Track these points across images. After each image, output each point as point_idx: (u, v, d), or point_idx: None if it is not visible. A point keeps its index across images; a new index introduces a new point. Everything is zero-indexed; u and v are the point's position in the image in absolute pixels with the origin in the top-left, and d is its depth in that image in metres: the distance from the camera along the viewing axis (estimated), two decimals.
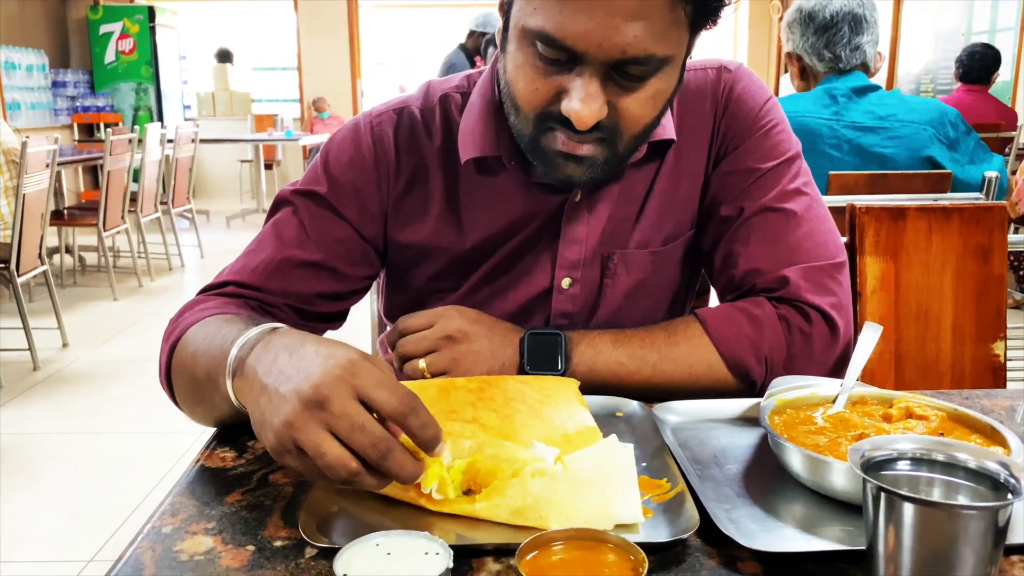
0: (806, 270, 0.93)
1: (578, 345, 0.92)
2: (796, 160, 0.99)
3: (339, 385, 0.61)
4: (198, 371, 0.80)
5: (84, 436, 3.04)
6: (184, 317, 0.89)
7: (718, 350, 0.92)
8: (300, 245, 0.97)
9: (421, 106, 1.01)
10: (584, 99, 0.80)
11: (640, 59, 0.80)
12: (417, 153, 1.00)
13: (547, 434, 0.77)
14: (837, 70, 2.01)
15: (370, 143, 1.00)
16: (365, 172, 0.99)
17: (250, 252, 0.99)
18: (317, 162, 1.01)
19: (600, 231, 0.99)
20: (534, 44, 0.82)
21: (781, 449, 0.72)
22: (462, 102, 1.01)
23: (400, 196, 1.00)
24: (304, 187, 1.00)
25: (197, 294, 0.97)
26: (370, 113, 1.02)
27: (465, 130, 0.98)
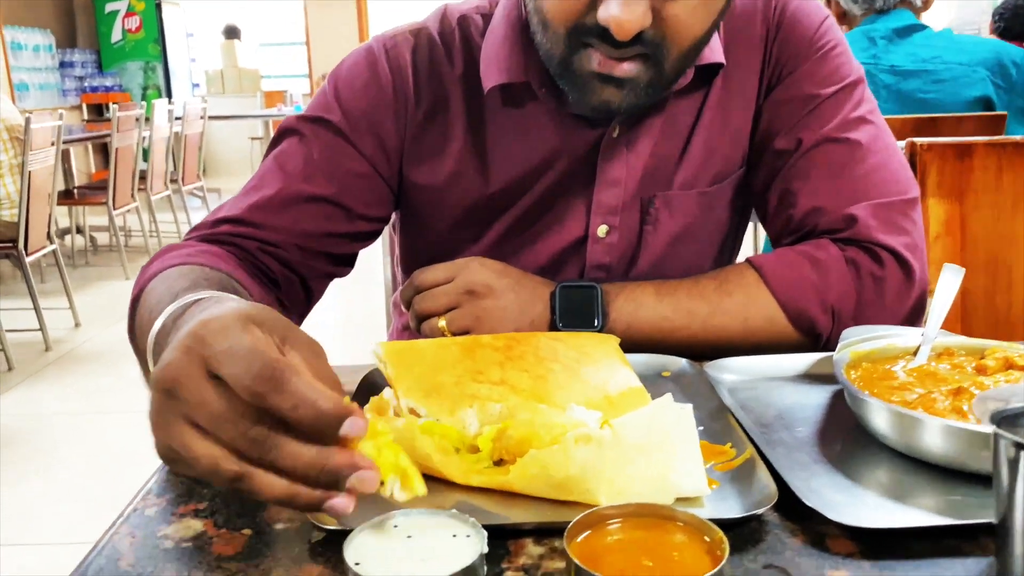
0: (876, 207, 0.82)
1: (616, 298, 0.82)
2: (859, 85, 0.88)
3: (186, 361, 0.44)
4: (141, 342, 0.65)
5: (96, 416, 2.98)
6: (151, 267, 0.76)
7: (777, 300, 0.81)
8: (308, 178, 0.86)
9: (439, 29, 0.90)
10: (625, 1, 0.69)
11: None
12: (437, 80, 0.89)
13: (586, 396, 0.67)
14: (875, 11, 1.88)
15: (386, 67, 0.89)
16: (382, 99, 0.88)
17: (251, 188, 0.88)
18: (326, 88, 0.90)
19: (640, 171, 0.89)
20: None
21: (863, 407, 0.62)
22: (483, 24, 0.90)
23: (419, 129, 0.90)
24: (313, 114, 0.89)
25: (186, 235, 0.86)
26: (383, 36, 0.91)
27: (488, 55, 0.87)
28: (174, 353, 0.45)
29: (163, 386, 0.45)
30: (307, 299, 0.92)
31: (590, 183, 0.89)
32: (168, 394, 0.45)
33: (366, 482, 0.44)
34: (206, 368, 0.44)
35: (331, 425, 0.43)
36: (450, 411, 0.63)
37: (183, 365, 0.45)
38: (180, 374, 0.44)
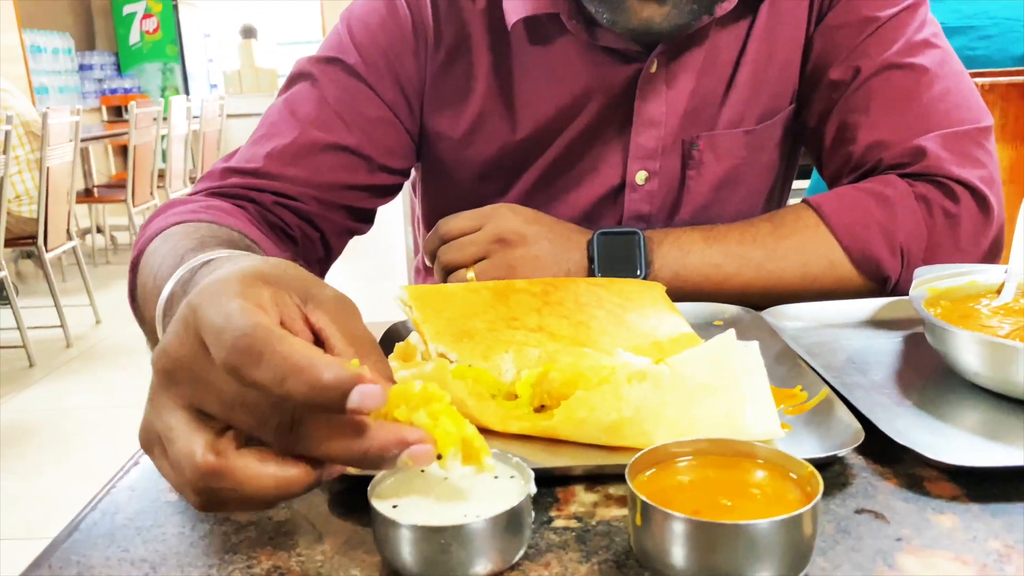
0: (946, 137, 0.75)
1: (660, 245, 0.75)
2: (921, 6, 0.80)
3: (185, 337, 0.37)
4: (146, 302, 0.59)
5: (118, 410, 2.95)
6: (151, 226, 0.68)
7: (840, 242, 0.74)
8: (325, 125, 0.80)
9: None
10: None
11: None
12: (457, 17, 0.82)
13: (633, 342, 0.61)
14: None
15: (405, 6, 0.82)
16: (401, 39, 0.82)
17: (261, 136, 0.81)
18: (339, 29, 0.84)
19: (682, 110, 0.81)
20: None
21: (951, 341, 0.55)
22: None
23: (440, 71, 0.83)
24: (327, 54, 0.82)
25: (192, 189, 0.80)
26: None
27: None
28: (173, 327, 0.38)
29: (160, 365, 0.37)
30: (326, 257, 0.85)
31: (626, 125, 0.82)
32: (167, 377, 0.37)
33: (420, 458, 0.36)
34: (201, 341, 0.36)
35: (332, 399, 0.34)
36: (484, 356, 0.57)
37: (183, 342, 0.37)
38: (180, 353, 0.37)
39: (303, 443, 0.36)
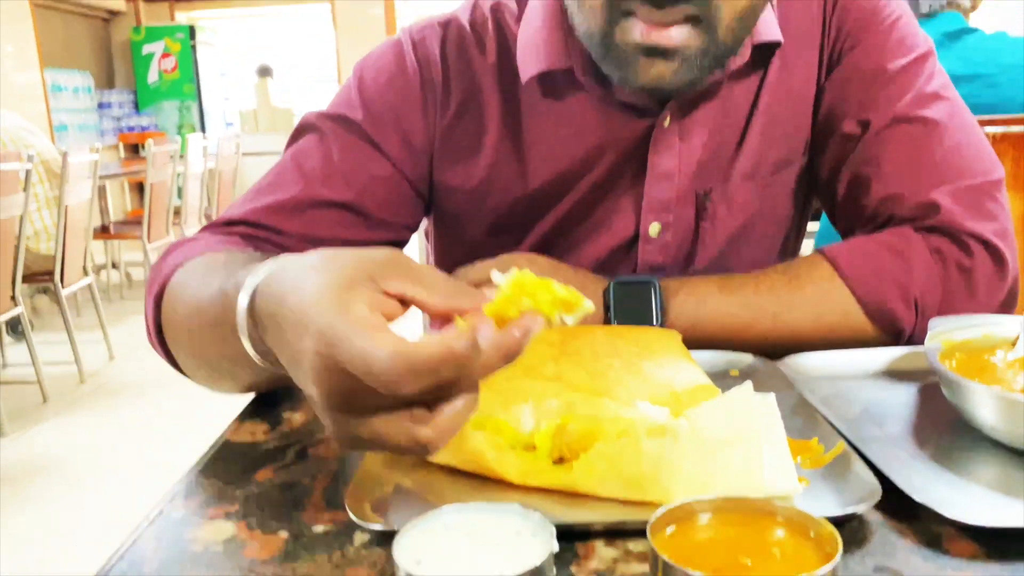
0: (959, 190, 0.75)
1: (676, 294, 0.76)
2: (929, 57, 0.81)
3: (331, 375, 0.41)
4: (199, 334, 0.61)
5: (131, 447, 2.95)
6: (166, 261, 0.71)
7: (855, 293, 0.74)
8: (327, 181, 0.81)
9: (470, 18, 0.85)
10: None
11: None
12: (468, 73, 0.84)
13: (651, 392, 0.61)
14: (921, 15, 1.82)
15: (414, 61, 0.84)
16: (409, 96, 0.83)
17: (265, 187, 0.82)
18: (350, 83, 0.85)
19: (695, 163, 0.82)
20: None
21: (967, 395, 0.55)
22: (518, 10, 0.84)
23: (450, 126, 0.84)
24: (336, 112, 0.84)
25: (196, 234, 0.80)
26: (410, 29, 0.86)
27: (525, 41, 0.82)
28: (312, 368, 0.42)
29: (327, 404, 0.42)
30: None
31: (640, 177, 0.83)
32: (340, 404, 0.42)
33: (534, 330, 0.44)
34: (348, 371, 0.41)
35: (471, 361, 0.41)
36: (503, 407, 0.57)
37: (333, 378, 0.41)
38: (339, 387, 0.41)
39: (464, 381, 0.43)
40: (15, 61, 6.59)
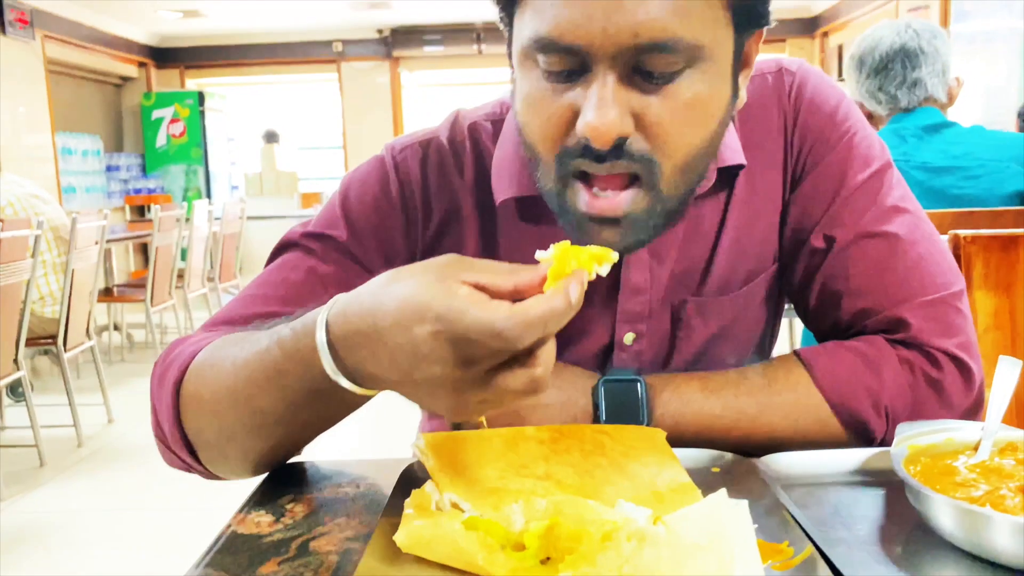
0: (925, 306, 0.80)
1: (661, 393, 0.80)
2: (888, 170, 0.85)
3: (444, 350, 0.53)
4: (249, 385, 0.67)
5: (129, 513, 2.95)
6: (177, 353, 0.75)
7: (828, 401, 0.78)
8: (312, 294, 0.83)
9: (449, 137, 0.88)
10: (598, 105, 0.65)
11: (661, 43, 0.64)
12: (448, 193, 0.87)
13: (635, 492, 0.66)
14: (900, 109, 1.90)
15: (397, 182, 0.86)
16: (392, 217, 0.86)
17: (248, 297, 0.84)
18: (334, 202, 0.88)
19: (667, 278, 0.86)
20: (536, 61, 0.69)
21: (926, 503, 0.59)
22: (493, 131, 0.88)
23: (430, 245, 0.87)
24: (318, 230, 0.86)
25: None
26: (393, 147, 0.89)
27: (500, 165, 0.85)
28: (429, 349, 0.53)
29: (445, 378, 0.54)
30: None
31: (614, 292, 0.86)
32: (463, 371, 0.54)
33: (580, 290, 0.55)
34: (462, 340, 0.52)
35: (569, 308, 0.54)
36: (494, 506, 0.61)
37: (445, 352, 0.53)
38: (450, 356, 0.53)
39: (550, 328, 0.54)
40: (27, 123, 6.74)
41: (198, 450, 0.76)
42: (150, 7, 7.58)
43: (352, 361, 0.59)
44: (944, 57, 1.89)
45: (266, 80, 9.77)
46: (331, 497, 0.72)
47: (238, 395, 0.69)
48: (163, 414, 0.76)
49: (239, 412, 0.70)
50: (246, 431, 0.71)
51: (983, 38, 5.69)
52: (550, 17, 0.66)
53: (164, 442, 0.78)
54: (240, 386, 0.68)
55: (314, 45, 8.93)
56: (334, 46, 8.92)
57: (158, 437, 0.78)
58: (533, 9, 0.68)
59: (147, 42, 8.74)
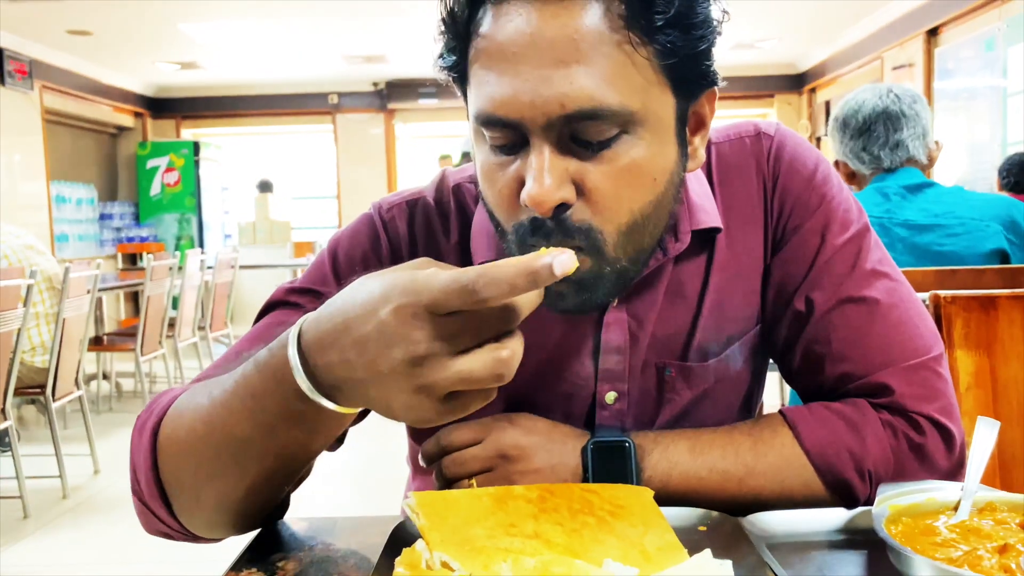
0: (906, 371, 0.82)
1: (650, 454, 0.81)
2: (866, 234, 0.87)
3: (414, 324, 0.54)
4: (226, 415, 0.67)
5: (114, 566, 2.91)
6: (157, 402, 0.75)
7: (813, 463, 0.80)
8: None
9: (435, 197, 0.91)
10: (535, 175, 0.68)
11: (588, 111, 0.67)
12: (434, 252, 0.88)
13: (622, 551, 0.66)
14: (883, 169, 1.96)
15: (386, 239, 0.89)
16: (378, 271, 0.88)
17: (233, 353, 0.84)
18: (323, 259, 0.90)
19: (648, 339, 0.87)
20: (484, 136, 0.72)
21: (907, 563, 0.60)
22: (477, 192, 0.89)
23: None
24: (307, 285, 0.88)
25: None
26: (380, 206, 0.91)
27: (478, 228, 0.87)
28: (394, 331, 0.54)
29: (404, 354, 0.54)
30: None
31: (595, 352, 0.87)
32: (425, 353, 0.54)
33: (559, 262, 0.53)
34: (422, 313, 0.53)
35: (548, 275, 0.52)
36: (484, 565, 0.62)
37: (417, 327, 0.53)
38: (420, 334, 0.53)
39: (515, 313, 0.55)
40: (23, 172, 6.79)
41: (172, 500, 0.73)
42: (148, 59, 7.71)
43: (323, 367, 0.59)
44: (924, 121, 1.95)
45: (261, 130, 9.87)
46: (322, 556, 0.72)
47: (214, 424, 0.68)
48: (140, 464, 0.74)
49: (215, 443, 0.68)
50: (222, 466, 0.69)
51: (966, 95, 5.82)
52: (486, 94, 0.70)
53: (140, 498, 0.75)
54: (216, 414, 0.67)
55: (310, 97, 9.06)
56: (330, 98, 9.06)
57: (134, 493, 0.76)
58: (475, 87, 0.72)
59: (144, 92, 8.86)
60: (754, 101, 9.00)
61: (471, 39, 0.72)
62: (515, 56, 0.68)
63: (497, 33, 0.69)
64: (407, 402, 0.55)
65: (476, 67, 0.71)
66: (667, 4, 0.68)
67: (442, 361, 0.53)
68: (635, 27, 0.68)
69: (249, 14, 6.29)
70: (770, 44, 7.68)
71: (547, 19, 0.67)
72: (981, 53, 5.56)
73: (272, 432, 0.65)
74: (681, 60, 0.70)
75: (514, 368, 0.54)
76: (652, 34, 0.68)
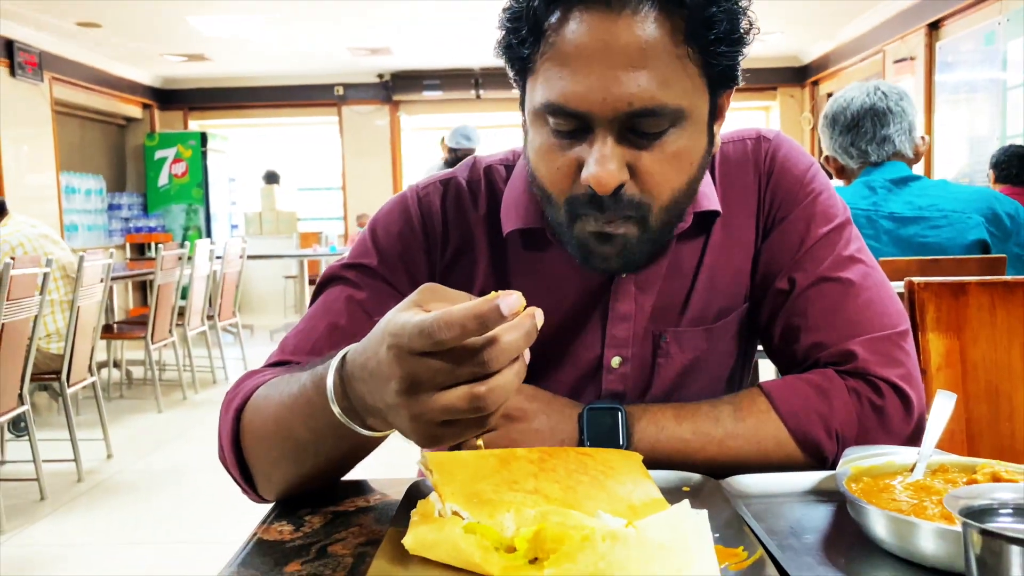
0: (871, 341, 0.91)
1: (639, 421, 0.90)
2: (847, 226, 0.98)
3: (400, 362, 0.59)
4: (289, 417, 0.77)
5: (127, 547, 3.00)
6: (244, 385, 0.88)
7: (786, 425, 0.89)
8: (352, 317, 0.95)
9: (467, 177, 1.01)
10: (599, 160, 0.79)
11: (649, 109, 0.79)
12: (463, 223, 0.99)
13: (612, 505, 0.75)
14: (870, 163, 2.03)
15: (418, 213, 0.99)
16: (414, 242, 0.98)
17: (300, 331, 0.97)
18: (365, 236, 1.01)
19: (650, 308, 0.97)
20: (547, 121, 0.83)
21: (863, 514, 0.69)
22: (506, 174, 1.01)
23: (447, 267, 0.99)
24: (353, 260, 0.99)
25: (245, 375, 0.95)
26: (416, 186, 1.02)
27: (508, 201, 0.98)
28: (388, 368, 0.60)
29: (398, 388, 0.60)
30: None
31: (603, 318, 0.97)
32: (409, 387, 0.60)
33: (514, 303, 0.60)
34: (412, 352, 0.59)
35: (495, 315, 0.57)
36: (490, 515, 0.70)
37: (399, 364, 0.59)
38: (403, 371, 0.59)
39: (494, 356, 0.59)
40: (33, 163, 6.87)
41: (252, 474, 0.86)
42: (156, 51, 7.78)
43: (354, 395, 0.68)
44: (910, 117, 2.03)
45: (268, 122, 9.95)
46: (344, 510, 0.81)
47: (281, 425, 0.79)
48: (224, 439, 0.87)
49: (280, 440, 0.80)
50: (286, 458, 0.81)
51: (966, 88, 5.88)
52: (559, 88, 0.80)
53: (224, 464, 0.89)
54: (282, 416, 0.78)
55: (316, 89, 9.13)
56: (335, 90, 9.13)
57: (220, 459, 0.89)
58: (544, 79, 0.82)
59: (152, 84, 8.94)
60: (757, 93, 9.06)
61: (543, 36, 0.82)
62: (590, 58, 0.78)
63: (575, 36, 0.79)
64: (410, 427, 0.63)
65: (548, 63, 0.81)
66: (719, 24, 0.79)
67: (429, 394, 0.60)
68: (692, 41, 0.80)
69: (256, 8, 6.36)
70: (774, 37, 7.72)
71: (621, 29, 0.78)
72: (981, 47, 5.61)
73: (323, 439, 0.76)
74: (718, 65, 0.82)
75: (495, 401, 0.60)
76: (704, 47, 0.80)
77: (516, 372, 0.61)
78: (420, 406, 0.60)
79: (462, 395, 0.59)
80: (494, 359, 0.59)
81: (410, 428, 0.62)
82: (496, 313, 0.57)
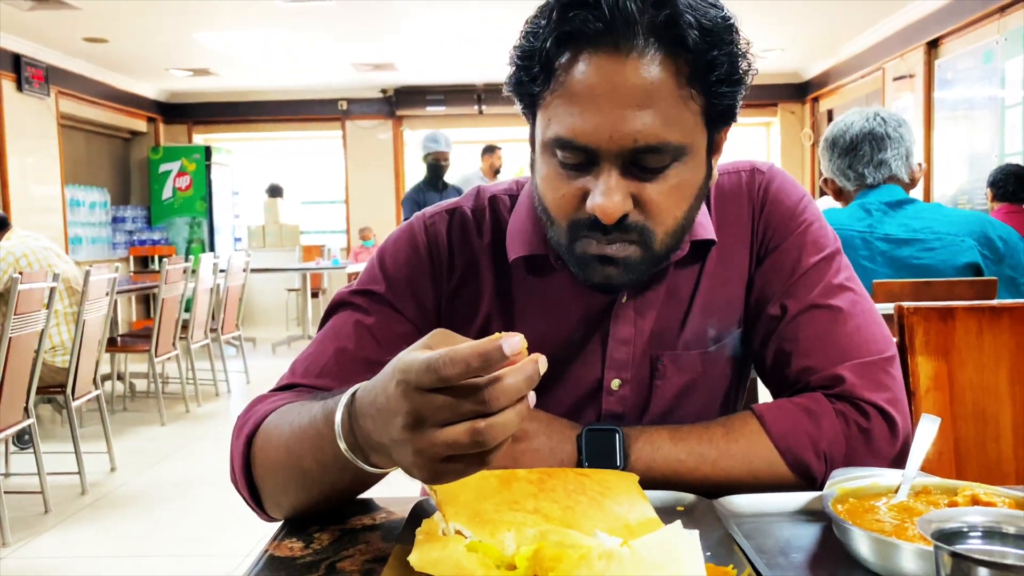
0: (859, 366, 0.94)
1: (636, 442, 0.93)
2: (837, 256, 1.02)
3: (409, 398, 0.62)
4: (298, 447, 0.81)
5: (131, 559, 3.03)
6: (255, 410, 0.91)
7: (777, 446, 0.92)
8: (360, 342, 0.99)
9: (472, 206, 1.05)
10: (605, 192, 0.83)
11: (653, 147, 0.83)
12: (468, 251, 1.03)
13: (609, 525, 0.78)
14: (866, 186, 2.08)
15: (425, 241, 1.03)
16: (421, 269, 1.02)
17: (310, 355, 1.01)
18: (373, 263, 1.04)
19: (648, 332, 1.01)
20: (555, 153, 0.87)
21: (847, 534, 0.72)
22: (510, 204, 1.04)
23: (453, 293, 1.03)
24: (361, 287, 1.03)
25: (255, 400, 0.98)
26: (423, 214, 1.06)
27: (513, 229, 1.01)
28: (395, 403, 0.63)
29: (402, 423, 0.63)
30: None
31: (604, 342, 1.01)
32: (414, 423, 0.62)
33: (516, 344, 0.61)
34: (420, 388, 0.61)
35: (498, 354, 0.59)
36: (491, 534, 0.74)
37: (405, 399, 0.62)
38: (408, 407, 0.62)
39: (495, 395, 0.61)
40: (38, 176, 6.92)
41: (262, 496, 0.90)
42: (162, 66, 7.85)
43: (360, 432, 0.71)
44: (908, 143, 2.08)
45: (272, 136, 10.01)
46: (352, 527, 0.84)
47: (290, 451, 0.83)
48: (236, 463, 0.91)
49: (289, 467, 0.84)
50: (294, 484, 0.85)
51: (965, 105, 5.92)
52: (568, 124, 0.84)
53: (235, 485, 0.93)
54: (292, 445, 0.82)
55: (320, 103, 9.20)
56: (339, 105, 9.20)
57: (231, 480, 0.93)
58: (554, 114, 0.86)
59: (157, 98, 9.01)
60: (758, 110, 9.12)
61: (553, 75, 0.86)
62: (599, 97, 0.82)
63: (585, 76, 0.83)
64: (414, 462, 0.65)
65: (557, 99, 0.86)
66: (720, 67, 0.84)
67: (432, 430, 0.62)
68: (694, 82, 0.84)
69: (262, 24, 6.42)
70: (774, 54, 7.79)
71: (629, 71, 0.82)
72: (980, 65, 5.66)
73: (329, 470, 0.79)
74: (718, 105, 0.86)
75: (496, 437, 0.62)
76: (706, 88, 0.85)
77: (518, 412, 0.63)
78: (424, 440, 0.62)
79: (464, 430, 0.61)
80: (495, 398, 0.61)
81: (413, 463, 0.65)
82: (499, 352, 0.59)
